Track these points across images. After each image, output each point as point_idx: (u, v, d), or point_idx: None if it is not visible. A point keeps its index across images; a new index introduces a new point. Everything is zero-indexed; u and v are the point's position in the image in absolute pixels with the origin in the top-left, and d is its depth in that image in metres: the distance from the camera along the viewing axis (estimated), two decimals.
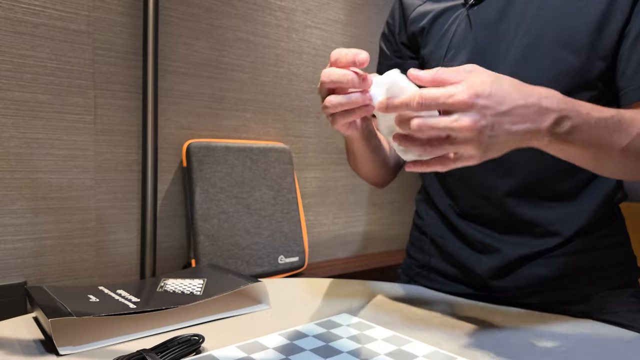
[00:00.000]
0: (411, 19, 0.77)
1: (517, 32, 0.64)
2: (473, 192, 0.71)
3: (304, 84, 1.65)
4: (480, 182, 0.69)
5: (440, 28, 0.72)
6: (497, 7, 0.66)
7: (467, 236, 0.72)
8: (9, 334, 0.55)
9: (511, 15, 0.65)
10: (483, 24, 0.67)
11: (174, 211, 1.35)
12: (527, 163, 0.66)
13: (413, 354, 0.50)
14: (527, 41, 0.63)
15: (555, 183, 0.66)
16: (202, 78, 1.38)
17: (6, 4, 1.06)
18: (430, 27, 0.74)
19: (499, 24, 0.66)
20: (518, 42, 0.64)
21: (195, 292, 0.62)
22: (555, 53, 0.62)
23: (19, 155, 1.09)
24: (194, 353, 0.49)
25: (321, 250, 1.71)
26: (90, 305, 0.55)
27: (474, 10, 0.68)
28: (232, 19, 1.44)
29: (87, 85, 1.18)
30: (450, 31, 0.70)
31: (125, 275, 1.26)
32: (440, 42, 0.72)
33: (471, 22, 0.68)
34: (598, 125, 0.49)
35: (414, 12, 0.77)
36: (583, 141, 0.49)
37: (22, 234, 1.10)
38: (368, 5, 1.83)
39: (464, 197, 0.72)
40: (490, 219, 0.70)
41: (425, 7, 0.76)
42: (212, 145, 1.35)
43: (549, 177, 0.66)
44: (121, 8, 1.23)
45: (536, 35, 0.63)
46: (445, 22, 0.72)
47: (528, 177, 0.66)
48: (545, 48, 0.62)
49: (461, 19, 0.69)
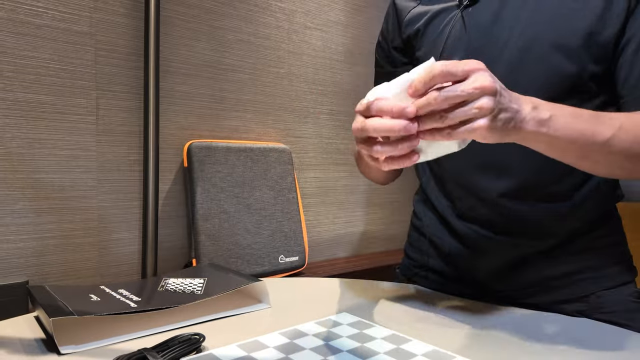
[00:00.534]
0: (406, 22, 0.77)
1: (511, 34, 0.64)
2: (470, 194, 0.71)
3: (304, 85, 1.65)
4: (477, 183, 0.70)
5: (435, 29, 0.72)
6: (491, 9, 0.66)
7: (465, 237, 0.72)
8: (11, 333, 0.56)
9: (505, 17, 0.65)
10: (477, 26, 0.67)
11: (175, 211, 1.35)
12: (523, 165, 0.66)
13: (412, 353, 0.50)
14: (521, 44, 0.64)
15: (551, 184, 0.66)
16: (203, 79, 1.39)
17: (9, 6, 1.07)
18: (425, 29, 0.74)
19: (493, 26, 0.66)
20: (512, 45, 0.64)
21: (196, 292, 0.62)
22: (549, 56, 0.62)
23: (22, 155, 1.10)
24: (195, 352, 0.50)
25: (321, 250, 1.71)
26: (91, 304, 0.56)
27: (469, 11, 0.68)
28: (232, 21, 1.45)
29: (89, 86, 1.19)
30: (445, 33, 0.70)
31: (126, 275, 1.27)
32: (435, 44, 0.72)
33: (465, 24, 0.68)
34: (575, 114, 0.52)
35: (409, 15, 0.77)
36: (564, 129, 0.51)
37: (24, 233, 1.11)
38: (368, 7, 1.83)
39: (461, 198, 0.73)
40: (487, 220, 0.70)
41: (420, 9, 0.76)
42: (213, 145, 1.35)
43: (545, 179, 0.66)
44: (123, 9, 1.24)
45: (530, 38, 0.63)
46: (440, 23, 0.72)
47: (524, 178, 0.67)
48: (539, 51, 0.62)
49: (455, 20, 0.70)
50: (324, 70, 1.71)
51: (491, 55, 0.66)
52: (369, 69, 1.83)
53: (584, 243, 0.68)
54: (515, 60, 0.64)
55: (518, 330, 0.59)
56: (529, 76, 0.63)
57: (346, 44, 1.77)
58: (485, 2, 0.67)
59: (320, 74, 1.70)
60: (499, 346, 0.54)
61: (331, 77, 1.74)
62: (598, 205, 0.68)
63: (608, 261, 0.69)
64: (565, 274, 0.68)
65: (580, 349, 0.53)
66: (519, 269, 0.69)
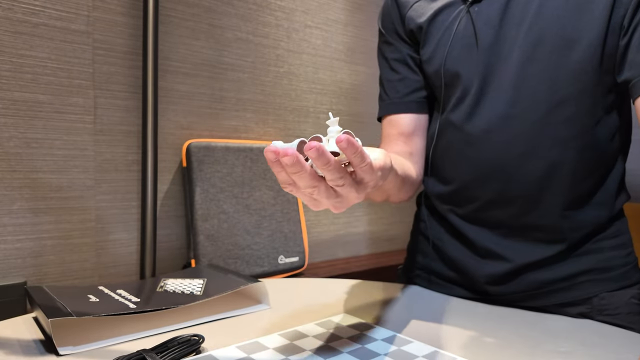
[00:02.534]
0: (408, 17, 0.75)
1: (519, 31, 0.63)
2: (479, 200, 0.70)
3: (304, 84, 1.65)
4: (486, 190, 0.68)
5: (440, 26, 0.71)
6: (498, 5, 0.65)
7: (471, 241, 0.71)
8: (9, 334, 0.55)
9: (514, 14, 0.64)
10: (486, 23, 0.66)
11: (174, 211, 1.35)
12: (532, 172, 0.65)
13: (413, 355, 0.50)
14: (530, 40, 0.63)
15: (562, 189, 0.65)
16: (202, 78, 1.38)
17: (6, 4, 1.06)
18: (429, 26, 0.72)
19: (502, 23, 0.65)
20: (522, 41, 0.63)
21: (195, 292, 0.62)
22: (559, 52, 0.61)
23: (19, 155, 1.09)
24: (194, 353, 0.49)
25: (321, 250, 1.71)
26: (90, 305, 0.55)
27: (475, 9, 0.67)
28: (232, 19, 1.44)
29: (87, 85, 1.18)
30: (452, 29, 0.69)
31: (125, 275, 1.26)
32: (442, 41, 0.71)
33: (473, 21, 0.67)
34: None
35: (411, 10, 0.75)
36: None
37: (22, 234, 1.10)
38: (369, 5, 1.83)
39: (467, 204, 0.72)
40: (497, 221, 0.69)
41: (422, 3, 0.74)
42: (212, 145, 1.35)
43: (556, 184, 0.65)
44: (121, 8, 1.23)
45: (539, 35, 0.62)
46: (445, 19, 0.70)
47: (532, 183, 0.66)
48: (549, 47, 0.62)
49: (462, 16, 0.68)
50: (324, 69, 1.71)
51: (501, 52, 0.65)
52: (370, 68, 1.83)
53: (590, 245, 0.68)
54: (525, 57, 0.63)
55: (520, 332, 0.59)
56: (539, 73, 0.62)
57: (347, 43, 1.77)
58: None
59: (320, 73, 1.70)
60: (501, 348, 0.53)
61: (331, 76, 1.74)
62: (607, 210, 0.67)
63: (614, 263, 0.68)
64: (570, 276, 0.68)
65: (582, 351, 0.53)
66: (522, 273, 0.69)
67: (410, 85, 0.77)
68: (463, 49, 0.68)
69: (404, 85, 0.78)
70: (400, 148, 0.78)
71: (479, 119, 0.67)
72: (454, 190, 0.73)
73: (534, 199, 0.66)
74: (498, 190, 0.67)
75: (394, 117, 0.79)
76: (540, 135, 0.63)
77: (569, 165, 0.64)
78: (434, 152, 0.76)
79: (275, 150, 0.39)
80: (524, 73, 0.63)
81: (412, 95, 0.78)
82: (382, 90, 0.81)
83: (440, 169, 0.75)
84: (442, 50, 0.70)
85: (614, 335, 0.57)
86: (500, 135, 0.65)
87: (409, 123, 0.78)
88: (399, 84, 0.78)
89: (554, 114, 0.62)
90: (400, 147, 0.78)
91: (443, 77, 0.71)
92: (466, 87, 0.68)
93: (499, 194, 0.67)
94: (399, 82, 0.78)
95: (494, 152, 0.66)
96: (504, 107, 0.65)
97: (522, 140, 0.64)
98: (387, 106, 0.80)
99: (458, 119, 0.69)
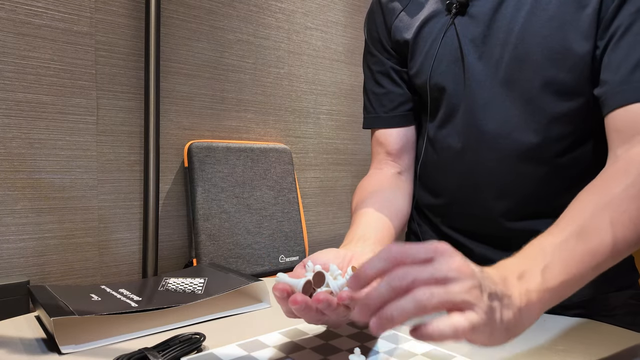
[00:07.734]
0: (395, 28, 0.74)
1: (504, 50, 0.62)
2: (469, 214, 0.70)
3: (305, 85, 1.66)
4: (476, 204, 0.68)
5: (427, 38, 0.70)
6: (483, 19, 0.64)
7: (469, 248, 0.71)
8: (12, 332, 0.56)
9: (497, 35, 0.63)
10: (471, 39, 0.65)
11: (176, 211, 1.35)
12: (522, 187, 0.65)
13: (412, 352, 0.50)
14: (516, 60, 0.61)
15: (552, 200, 0.65)
16: (203, 79, 1.39)
17: (9, 6, 1.07)
18: (415, 40, 0.71)
19: (487, 40, 0.64)
20: (507, 61, 0.62)
21: (197, 291, 0.62)
22: (544, 68, 0.60)
23: (22, 155, 1.10)
24: (195, 351, 0.50)
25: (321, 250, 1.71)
26: (92, 304, 0.56)
27: (460, 21, 0.66)
28: (233, 21, 1.45)
29: (90, 86, 1.19)
30: (437, 42, 0.68)
31: (127, 275, 1.27)
32: (428, 55, 0.69)
33: (459, 35, 0.66)
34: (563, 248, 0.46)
35: (397, 20, 0.74)
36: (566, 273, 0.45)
37: (24, 233, 1.11)
38: (368, 7, 1.83)
39: (458, 217, 0.72)
40: (487, 235, 0.69)
41: (406, 17, 0.73)
42: (214, 145, 1.35)
43: (545, 197, 0.65)
44: (123, 10, 1.24)
45: (524, 54, 0.61)
46: (431, 31, 0.69)
47: (523, 198, 0.65)
48: (534, 64, 0.61)
49: (447, 28, 0.67)
50: (324, 71, 1.71)
51: (487, 68, 0.64)
52: None
53: None
54: (511, 76, 0.62)
55: None
56: (525, 91, 0.62)
57: (346, 44, 1.77)
58: (477, 8, 0.64)
59: (320, 74, 1.70)
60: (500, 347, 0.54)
61: (331, 77, 1.74)
62: None
63: None
64: None
65: (580, 350, 0.53)
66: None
67: (395, 99, 0.77)
68: (450, 64, 0.67)
69: (388, 99, 0.77)
70: (390, 170, 0.78)
71: (466, 136, 0.67)
72: (443, 203, 0.73)
73: (524, 213, 0.65)
74: (487, 206, 0.67)
75: (381, 133, 0.78)
76: (530, 152, 0.63)
77: (560, 180, 0.63)
78: (422, 166, 0.75)
79: (283, 289, 0.43)
80: (510, 92, 0.62)
81: (397, 110, 0.77)
82: (366, 100, 0.81)
83: (430, 181, 0.75)
84: (429, 64, 0.69)
85: (612, 333, 0.58)
86: (489, 153, 0.65)
87: (397, 139, 0.77)
88: (384, 98, 0.77)
89: (543, 132, 0.62)
90: (390, 168, 0.78)
91: (429, 92, 0.70)
92: (452, 103, 0.68)
93: (489, 211, 0.67)
94: (383, 95, 0.77)
95: (482, 168, 0.66)
96: (491, 125, 0.64)
97: (511, 158, 0.64)
98: (374, 120, 0.79)
99: (444, 134, 0.69)
